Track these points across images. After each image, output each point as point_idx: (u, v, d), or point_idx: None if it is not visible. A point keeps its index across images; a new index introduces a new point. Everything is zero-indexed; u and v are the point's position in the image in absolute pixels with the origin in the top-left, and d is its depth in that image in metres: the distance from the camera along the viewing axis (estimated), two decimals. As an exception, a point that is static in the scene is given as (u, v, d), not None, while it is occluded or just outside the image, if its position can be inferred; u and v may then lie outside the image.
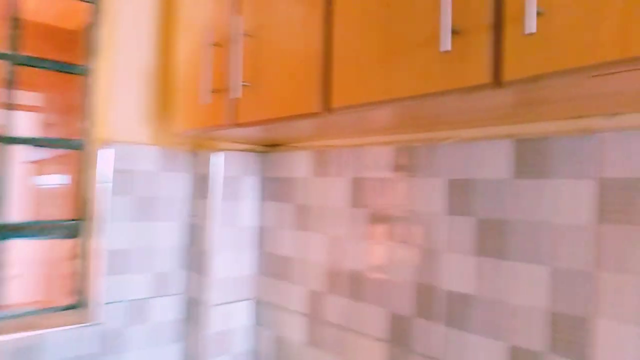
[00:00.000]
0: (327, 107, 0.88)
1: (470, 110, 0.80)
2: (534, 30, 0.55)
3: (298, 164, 1.40)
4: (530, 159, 0.88)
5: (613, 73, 0.54)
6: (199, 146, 1.55)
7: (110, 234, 1.39)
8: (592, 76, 0.56)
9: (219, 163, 1.45)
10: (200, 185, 1.50)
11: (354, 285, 1.21)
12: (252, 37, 1.05)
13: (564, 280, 0.83)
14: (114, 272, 1.40)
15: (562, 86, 0.61)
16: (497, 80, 0.62)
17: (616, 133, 0.78)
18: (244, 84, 1.05)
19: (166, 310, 1.51)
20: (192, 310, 1.50)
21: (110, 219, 1.39)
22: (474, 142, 0.97)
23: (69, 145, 1.43)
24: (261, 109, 1.02)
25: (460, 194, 0.99)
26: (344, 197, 1.25)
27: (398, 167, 1.12)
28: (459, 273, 0.98)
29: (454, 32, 0.65)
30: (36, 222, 1.36)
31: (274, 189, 1.48)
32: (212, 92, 1.15)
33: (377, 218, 1.16)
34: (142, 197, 1.45)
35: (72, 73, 1.43)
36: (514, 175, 0.90)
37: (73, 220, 1.42)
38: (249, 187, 1.51)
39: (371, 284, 1.16)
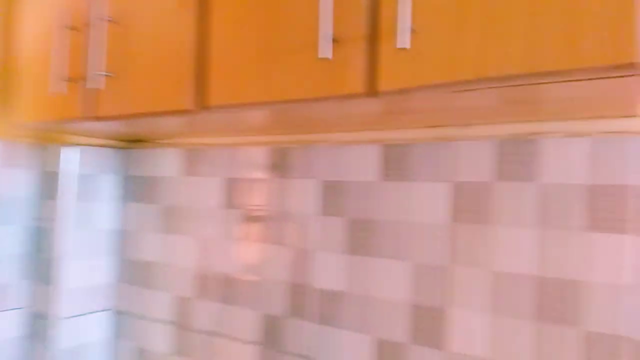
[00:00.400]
0: (201, 104, 0.84)
1: (344, 116, 0.83)
2: (407, 45, 0.59)
3: (166, 162, 1.32)
4: (395, 163, 0.95)
5: (471, 90, 0.60)
6: (47, 139, 1.37)
7: None
8: (453, 92, 0.62)
9: (72, 159, 1.30)
10: (49, 184, 1.33)
11: (225, 288, 1.18)
12: (117, 22, 0.96)
13: (424, 275, 0.91)
14: None
15: (429, 98, 0.66)
16: (371, 90, 0.65)
17: (468, 142, 0.87)
18: (107, 74, 0.96)
19: (6, 327, 1.31)
20: (38, 326, 1.33)
21: None
22: (346, 146, 1.01)
23: None
24: (126, 103, 0.94)
25: (333, 195, 1.02)
26: (215, 198, 1.21)
27: (272, 168, 1.12)
28: (330, 271, 1.01)
29: (333, 41, 0.67)
30: None
31: (137, 189, 1.38)
32: (67, 81, 1.03)
33: (250, 219, 1.14)
34: (-27, 198, 1.24)
35: None
36: (381, 178, 0.96)
37: None
38: (108, 186, 1.39)
39: (243, 286, 1.15)
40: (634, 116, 0.73)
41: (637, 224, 0.73)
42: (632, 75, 0.51)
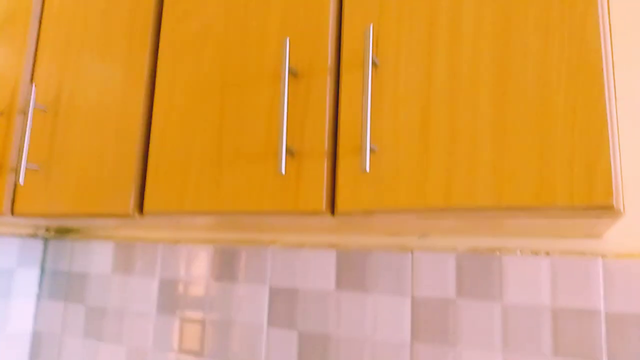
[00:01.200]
0: (141, 209, 0.75)
1: (299, 224, 0.77)
2: (367, 169, 0.54)
3: (96, 257, 1.19)
4: (352, 271, 0.88)
5: (435, 218, 0.56)
6: (-41, 228, 1.22)
7: None
8: (418, 218, 0.57)
9: (-14, 252, 1.14)
10: (-45, 280, 1.16)
11: (156, 407, 1.03)
12: (48, 110, 0.87)
13: (382, 400, 0.82)
14: None
15: (391, 220, 0.61)
16: (330, 209, 0.60)
17: (428, 253, 0.83)
18: (33, 166, 0.86)
19: None
20: None
21: None
22: (299, 249, 0.94)
23: None
24: (52, 200, 0.83)
25: (283, 304, 0.93)
26: (150, 301, 1.08)
27: (216, 269, 1.02)
28: (277, 393, 0.90)
29: (291, 155, 0.62)
30: None
31: (61, 286, 1.22)
32: (-15, 171, 0.92)
33: (189, 327, 1.02)
34: None
35: None
36: (337, 287, 0.89)
37: None
38: (27, 282, 1.23)
39: (176, 406, 1.00)
40: (596, 237, 0.72)
41: (599, 351, 0.69)
42: (607, 218, 0.48)
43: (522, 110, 0.50)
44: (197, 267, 1.04)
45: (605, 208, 0.46)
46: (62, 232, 1.27)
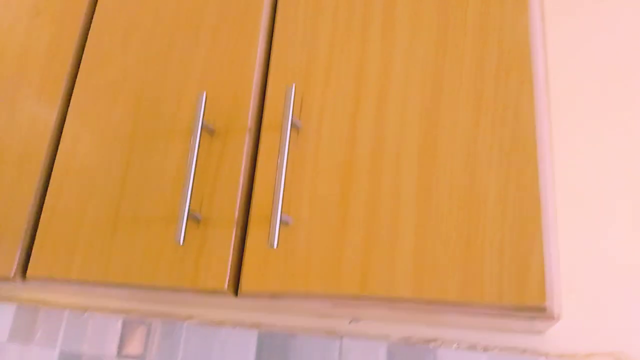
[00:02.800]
0: (23, 272, 0.64)
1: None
2: (274, 244, 0.46)
3: (-8, 321, 1.04)
4: (274, 356, 0.78)
5: (353, 305, 0.48)
6: None
7: None
8: (332, 303, 0.49)
9: None
10: None
11: None
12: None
13: None
14: None
15: (301, 304, 0.53)
16: (234, 289, 0.51)
17: (358, 340, 0.74)
18: None
19: None
20: None
21: None
22: (218, 328, 0.83)
23: None
24: None
25: (192, 391, 0.81)
26: (45, 377, 0.93)
27: (126, 344, 0.89)
28: None
29: (197, 222, 0.54)
30: None
31: (-53, 353, 1.05)
32: None
33: (84, 412, 0.88)
34: None
35: None
36: (255, 374, 0.78)
37: None
38: None
39: None
40: (537, 333, 0.65)
41: None
42: (540, 320, 0.41)
43: (449, 193, 0.44)
44: (104, 340, 0.91)
45: (538, 310, 0.39)
46: (-41, 290, 1.11)
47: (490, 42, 0.47)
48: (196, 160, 0.53)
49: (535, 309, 0.39)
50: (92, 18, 0.76)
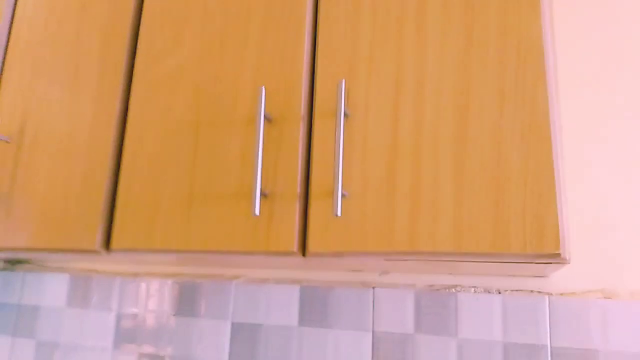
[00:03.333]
0: (107, 245, 0.75)
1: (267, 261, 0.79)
2: (338, 213, 0.57)
3: (49, 289, 1.15)
4: (315, 307, 0.91)
5: (402, 260, 0.60)
6: None
7: None
8: (384, 260, 0.61)
9: None
10: None
11: None
12: (12, 143, 0.86)
13: None
14: None
15: (359, 261, 0.65)
16: (302, 250, 0.63)
17: (387, 290, 0.87)
18: (-9, 199, 0.83)
19: None
20: None
21: None
22: (263, 285, 0.95)
23: None
24: (13, 234, 0.81)
25: (244, 340, 0.94)
26: (106, 336, 1.06)
27: (177, 304, 1.01)
28: None
29: (265, 197, 0.64)
30: None
31: (11, 320, 1.17)
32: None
33: (147, 363, 1.01)
34: None
35: None
36: (300, 323, 0.91)
37: None
38: (-29, 316, 1.17)
39: None
40: (543, 277, 0.78)
41: (551, 384, 0.74)
42: (555, 263, 0.53)
43: (480, 168, 0.55)
44: (156, 301, 1.03)
45: (554, 257, 0.51)
46: (13, 263, 1.22)
47: (510, 44, 0.57)
48: (262, 147, 0.64)
49: (552, 256, 0.51)
50: (141, 12, 0.83)
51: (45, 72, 0.87)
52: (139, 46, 0.80)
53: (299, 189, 0.64)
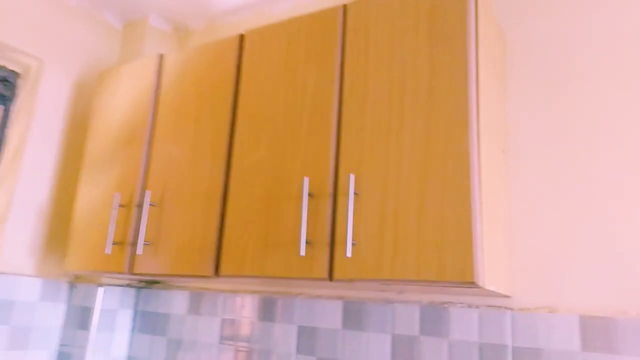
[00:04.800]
0: (216, 272, 1.20)
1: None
2: (349, 254, 0.97)
3: (174, 301, 1.64)
4: (354, 316, 1.29)
5: (391, 284, 0.98)
6: (79, 279, 1.70)
7: (-21, 365, 1.43)
8: (380, 284, 0.99)
9: (98, 296, 1.62)
10: (78, 316, 1.63)
11: (216, 412, 1.44)
12: (157, 206, 1.35)
13: (371, 406, 1.20)
14: (-26, 404, 1.42)
15: (367, 284, 1.03)
16: (330, 277, 1.03)
17: (402, 304, 1.23)
18: (146, 243, 1.33)
19: None
20: None
21: (-19, 350, 1.44)
22: (318, 299, 1.36)
23: (-51, 274, 1.49)
24: (158, 265, 1.29)
25: (306, 338, 1.34)
26: (213, 334, 1.52)
27: (261, 312, 1.45)
28: (301, 401, 1.30)
29: (308, 244, 1.06)
30: None
31: (149, 323, 1.68)
32: (115, 244, 1.40)
33: (241, 353, 1.45)
34: (18, 327, 1.54)
35: (-35, 206, 1.54)
36: (343, 327, 1.30)
37: (-63, 350, 1.43)
38: (125, 319, 1.69)
39: (231, 411, 1.41)
40: (509, 296, 1.10)
41: (511, 372, 1.06)
42: (473, 287, 0.89)
43: (431, 229, 0.92)
44: (247, 310, 1.47)
45: (472, 284, 0.87)
46: (150, 283, 1.74)
47: (449, 149, 0.94)
48: (306, 213, 1.05)
49: (470, 283, 0.86)
50: (234, 123, 1.30)
51: (175, 154, 1.36)
52: (234, 144, 1.26)
53: (328, 239, 1.04)
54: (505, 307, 1.11)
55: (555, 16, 1.23)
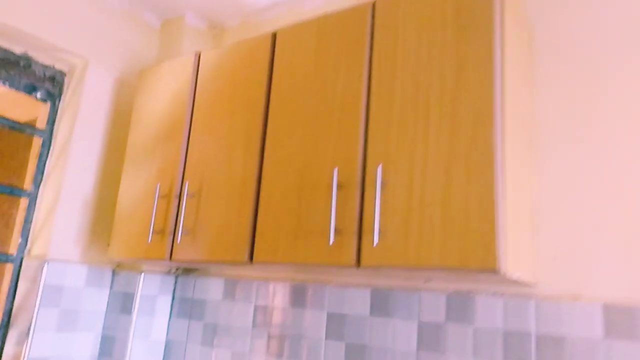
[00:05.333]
0: (250, 259, 1.27)
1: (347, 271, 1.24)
2: (376, 242, 1.01)
3: (210, 288, 1.72)
4: (381, 303, 1.34)
5: (415, 270, 1.02)
6: (121, 266, 1.80)
7: (34, 342, 1.55)
8: (406, 271, 1.03)
9: (139, 282, 1.71)
10: (120, 301, 1.74)
11: (250, 393, 1.51)
12: (194, 196, 1.43)
13: (398, 389, 1.25)
14: (29, 379, 1.54)
15: (392, 271, 1.08)
16: (357, 264, 1.08)
17: (428, 292, 1.27)
18: (185, 231, 1.41)
19: (69, 418, 1.64)
20: (96, 418, 1.65)
21: (35, 329, 1.56)
22: (347, 287, 1.41)
23: (2, 258, 1.61)
24: (196, 252, 1.37)
25: (335, 324, 1.40)
26: (247, 319, 1.59)
27: (292, 299, 1.51)
28: (331, 383, 1.36)
29: (337, 232, 1.11)
30: (-39, 330, 1.48)
31: (185, 308, 1.77)
32: (155, 233, 1.48)
33: (272, 338, 1.51)
34: (67, 310, 1.65)
35: (18, 196, 1.66)
36: (370, 314, 1.35)
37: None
38: (164, 305, 1.78)
39: (264, 392, 1.48)
40: (533, 284, 1.13)
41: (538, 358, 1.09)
42: (496, 274, 0.92)
43: (457, 217, 0.96)
44: (279, 297, 1.54)
45: (494, 270, 0.90)
46: (188, 271, 1.83)
47: (475, 141, 0.97)
48: (335, 202, 1.10)
49: (492, 270, 0.90)
50: (267, 115, 1.36)
51: (212, 147, 1.43)
52: (267, 137, 1.32)
53: (355, 228, 1.09)
54: (530, 296, 1.13)
55: (585, 9, 1.24)
